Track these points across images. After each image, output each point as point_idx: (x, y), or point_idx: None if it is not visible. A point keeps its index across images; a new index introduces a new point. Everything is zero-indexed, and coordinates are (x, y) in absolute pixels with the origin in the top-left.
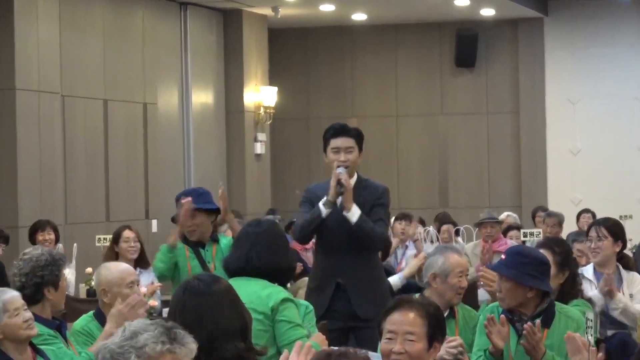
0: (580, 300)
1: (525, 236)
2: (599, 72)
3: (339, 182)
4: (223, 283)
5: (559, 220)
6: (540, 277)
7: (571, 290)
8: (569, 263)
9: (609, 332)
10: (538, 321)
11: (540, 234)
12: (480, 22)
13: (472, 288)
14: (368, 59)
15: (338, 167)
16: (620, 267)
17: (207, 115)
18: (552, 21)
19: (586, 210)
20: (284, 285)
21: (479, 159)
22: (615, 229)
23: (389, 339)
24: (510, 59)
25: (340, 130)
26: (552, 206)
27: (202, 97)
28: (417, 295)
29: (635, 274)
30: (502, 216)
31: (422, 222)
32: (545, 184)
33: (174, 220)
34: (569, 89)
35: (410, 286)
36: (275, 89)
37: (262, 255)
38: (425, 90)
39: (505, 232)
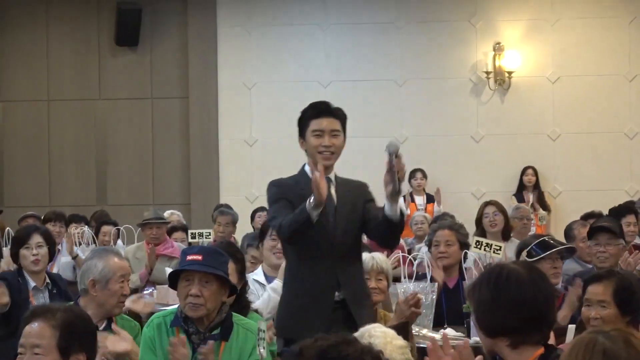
0: (253, 312)
1: (193, 237)
2: (279, 53)
3: (391, 168)
4: None
5: (233, 220)
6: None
7: (247, 300)
8: (245, 270)
9: None
10: (211, 342)
11: (210, 234)
12: None
13: None
14: (14, 34)
15: (389, 146)
16: None
17: None
18: None
19: (261, 209)
20: None
21: (143, 150)
22: None
23: (20, 353)
24: (179, 38)
25: (324, 109)
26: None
27: None
28: None
29: None
30: (166, 214)
31: (85, 222)
32: (218, 178)
33: None
34: (245, 71)
35: None
36: None
37: None
38: (81, 72)
39: (170, 233)
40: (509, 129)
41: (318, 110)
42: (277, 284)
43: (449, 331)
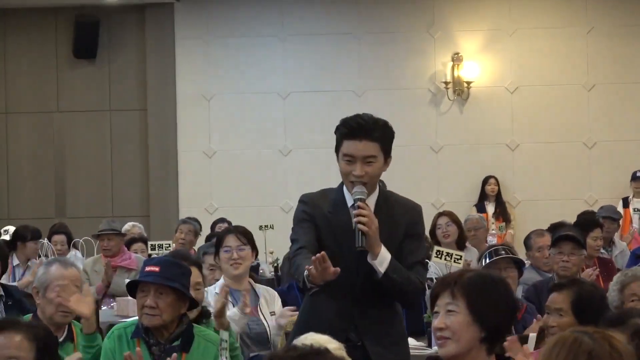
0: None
1: (153, 248)
2: (238, 65)
3: (359, 222)
4: None
5: (195, 229)
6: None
7: (205, 307)
8: (204, 281)
9: (252, 354)
10: (175, 355)
11: (170, 245)
12: (102, 7)
13: None
14: None
15: (355, 193)
16: (253, 283)
17: None
18: (184, 6)
19: (222, 220)
20: None
21: (101, 163)
22: (248, 237)
23: None
24: (137, 50)
25: (357, 130)
26: (185, 215)
27: None
28: None
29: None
30: (127, 226)
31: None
32: (177, 190)
33: None
34: (203, 83)
35: None
36: None
37: None
38: (39, 84)
39: (129, 245)
40: (468, 139)
41: (351, 130)
42: (234, 311)
43: (411, 341)
